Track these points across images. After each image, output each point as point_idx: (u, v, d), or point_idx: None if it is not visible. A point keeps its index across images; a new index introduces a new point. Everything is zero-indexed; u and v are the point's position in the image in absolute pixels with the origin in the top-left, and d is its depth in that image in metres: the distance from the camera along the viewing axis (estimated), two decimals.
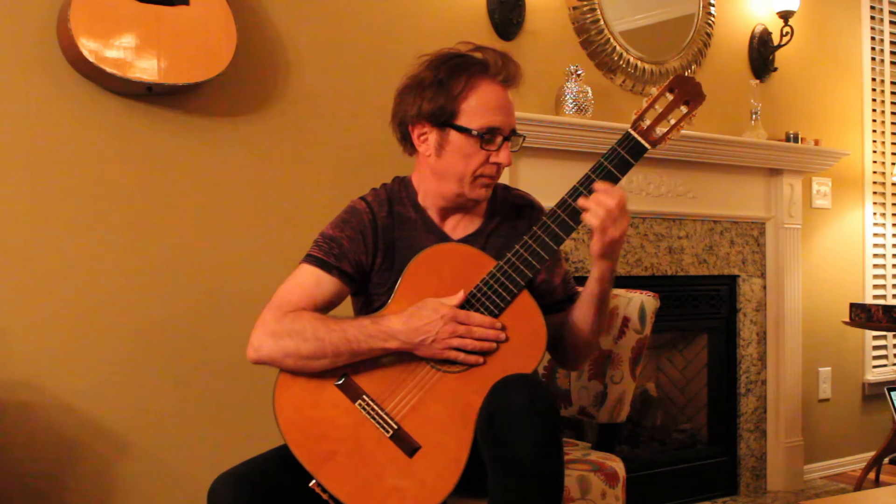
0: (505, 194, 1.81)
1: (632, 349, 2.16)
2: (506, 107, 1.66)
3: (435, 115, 1.64)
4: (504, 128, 1.65)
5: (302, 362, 1.58)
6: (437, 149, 1.66)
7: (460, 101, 1.63)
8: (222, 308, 2.41)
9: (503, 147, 1.65)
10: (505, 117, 1.65)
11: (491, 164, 1.65)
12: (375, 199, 1.74)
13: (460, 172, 1.65)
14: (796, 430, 3.65)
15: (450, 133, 1.64)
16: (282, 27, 2.54)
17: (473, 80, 1.63)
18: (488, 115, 1.63)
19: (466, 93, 1.63)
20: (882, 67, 4.16)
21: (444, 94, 1.63)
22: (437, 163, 1.67)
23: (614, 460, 2.03)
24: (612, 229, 1.56)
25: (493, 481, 1.48)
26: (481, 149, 1.63)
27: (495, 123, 1.63)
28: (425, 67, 1.67)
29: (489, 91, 1.64)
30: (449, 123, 1.64)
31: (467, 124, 1.63)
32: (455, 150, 1.64)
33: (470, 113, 1.63)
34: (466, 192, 1.67)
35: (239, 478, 1.55)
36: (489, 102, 1.63)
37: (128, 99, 2.30)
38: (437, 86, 1.63)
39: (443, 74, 1.63)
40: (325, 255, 1.67)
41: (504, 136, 1.65)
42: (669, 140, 1.64)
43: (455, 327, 1.54)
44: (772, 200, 3.59)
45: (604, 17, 3.15)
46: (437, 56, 1.68)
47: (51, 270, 2.21)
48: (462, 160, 1.64)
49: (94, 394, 2.26)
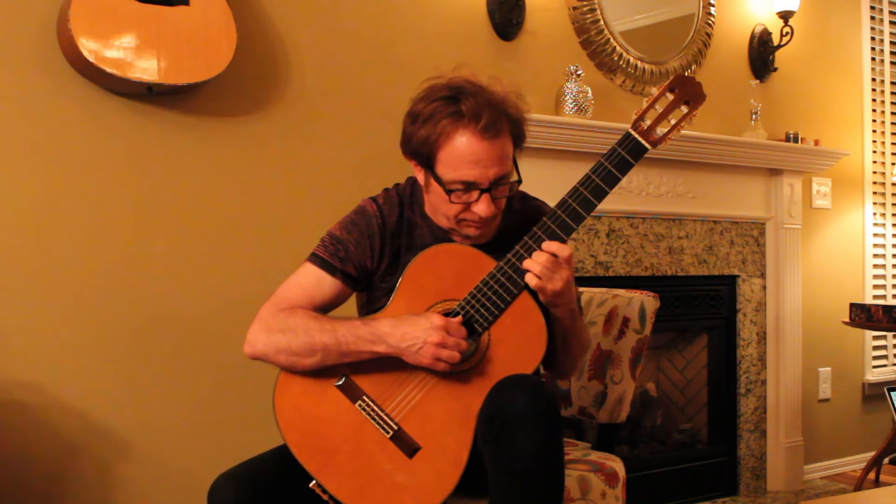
0: (521, 205, 1.77)
1: (632, 349, 2.16)
2: (482, 160, 1.55)
3: (418, 155, 1.61)
4: (480, 181, 1.56)
5: (293, 359, 1.58)
6: (425, 185, 1.66)
7: (436, 149, 1.57)
8: (222, 308, 2.41)
9: (482, 199, 1.57)
10: (482, 170, 1.55)
11: (472, 211, 1.59)
12: (387, 201, 1.72)
13: (444, 213, 1.64)
14: (796, 430, 3.65)
15: (430, 177, 1.61)
16: (282, 27, 2.54)
17: (450, 128, 1.55)
18: (460, 170, 1.55)
19: (439, 142, 1.56)
20: (882, 67, 4.16)
21: (424, 138, 1.57)
22: (428, 198, 1.67)
23: (614, 460, 2.03)
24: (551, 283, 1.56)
25: (493, 482, 1.48)
26: (451, 202, 1.58)
27: (468, 178, 1.56)
28: (419, 98, 1.62)
29: (463, 143, 1.55)
30: (429, 167, 1.61)
31: (440, 174, 1.58)
32: (436, 193, 1.62)
33: (443, 163, 1.57)
34: (457, 230, 1.65)
35: (239, 478, 1.55)
36: (462, 156, 1.55)
37: (128, 99, 2.30)
38: (420, 125, 1.58)
39: (427, 113, 1.57)
40: (330, 256, 1.67)
41: (482, 188, 1.57)
42: (670, 140, 1.64)
43: (444, 338, 1.51)
44: (772, 200, 3.59)
45: (604, 17, 3.15)
46: (429, 89, 1.61)
47: (50, 270, 2.21)
48: (443, 204, 1.61)
49: (93, 394, 2.26)
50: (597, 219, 3.06)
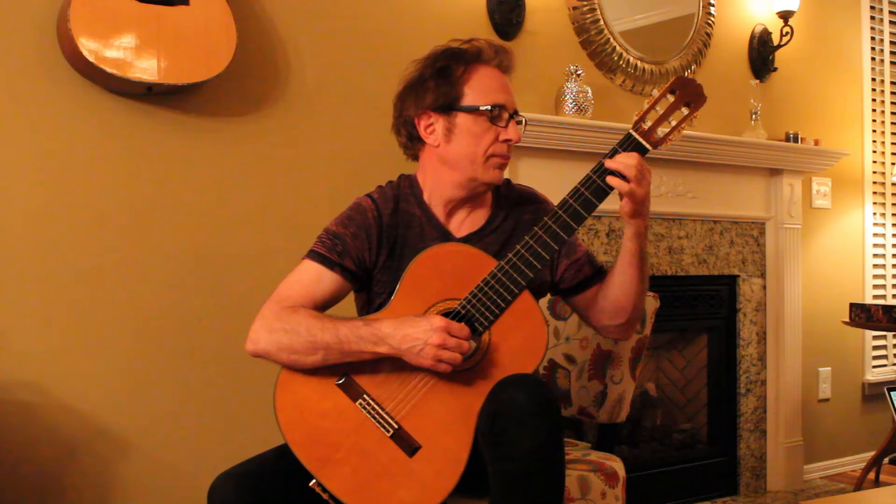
0: (508, 190, 1.81)
1: (632, 349, 2.16)
2: (507, 87, 1.70)
3: (439, 101, 1.67)
4: (508, 105, 1.68)
5: (294, 357, 1.58)
6: (445, 135, 1.68)
7: (463, 84, 1.67)
8: (222, 307, 2.41)
9: (511, 123, 1.67)
10: (508, 96, 1.69)
11: (501, 142, 1.67)
12: (381, 196, 1.74)
13: (472, 154, 1.67)
14: (796, 430, 3.65)
15: (457, 116, 1.66)
16: (282, 27, 2.54)
17: (472, 65, 1.68)
18: (492, 94, 1.67)
19: (468, 76, 1.67)
20: (882, 67, 4.16)
21: (446, 81, 1.66)
22: (448, 150, 1.68)
23: (614, 460, 2.03)
24: (639, 187, 1.58)
25: (493, 481, 1.48)
26: (491, 125, 1.66)
27: (500, 100, 1.67)
28: (421, 65, 1.71)
29: (488, 73, 1.69)
30: (454, 107, 1.66)
31: (473, 103, 1.66)
32: (464, 132, 1.66)
33: (474, 93, 1.66)
34: (479, 175, 1.68)
35: (239, 477, 1.55)
36: (491, 83, 1.68)
37: (128, 99, 2.30)
38: (437, 75, 1.67)
39: (441, 63, 1.68)
40: (328, 251, 1.67)
41: (510, 113, 1.68)
42: (670, 141, 1.64)
43: (445, 340, 1.51)
44: (772, 200, 3.59)
45: (604, 17, 3.15)
46: (431, 53, 1.72)
47: (50, 270, 2.21)
48: (472, 141, 1.66)
49: (94, 394, 2.26)
50: (597, 219, 3.06)
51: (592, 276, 1.80)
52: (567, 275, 1.79)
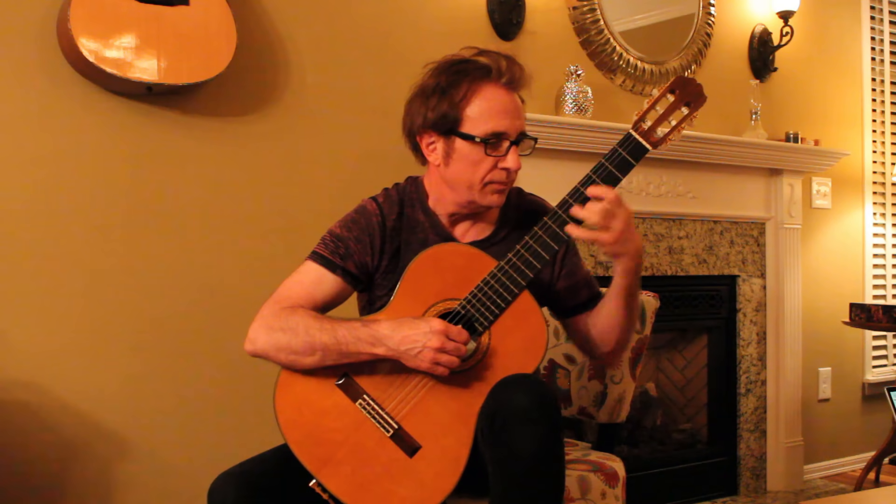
0: (519, 200, 1.79)
1: (632, 349, 2.16)
2: (511, 110, 1.63)
3: (439, 124, 1.63)
4: (510, 132, 1.62)
5: (293, 357, 1.58)
6: (444, 157, 1.65)
7: (462, 107, 1.61)
8: (221, 308, 2.41)
9: (511, 152, 1.62)
10: (511, 121, 1.62)
11: (500, 169, 1.63)
12: (387, 200, 1.73)
13: (468, 180, 1.64)
14: (796, 430, 3.65)
15: (455, 141, 1.63)
16: (282, 27, 2.54)
17: (475, 85, 1.61)
18: (492, 121, 1.61)
19: (468, 99, 1.61)
20: (882, 67, 4.16)
21: (447, 102, 1.61)
22: (447, 172, 1.66)
23: (614, 460, 2.03)
24: (615, 223, 1.55)
25: (493, 481, 1.48)
26: (487, 155, 1.61)
27: (500, 128, 1.61)
28: (429, 75, 1.66)
29: (492, 95, 1.62)
30: (453, 131, 1.62)
31: (471, 131, 1.61)
32: (461, 158, 1.63)
33: (473, 119, 1.61)
34: (478, 199, 1.66)
35: (239, 477, 1.55)
36: (492, 107, 1.61)
37: (128, 99, 2.30)
38: (439, 93, 1.62)
39: (444, 81, 1.62)
40: (331, 253, 1.67)
41: (511, 140, 1.62)
42: (670, 141, 1.64)
43: (443, 342, 1.51)
44: (772, 200, 3.59)
45: (604, 17, 3.15)
46: (441, 63, 1.67)
47: (50, 270, 2.21)
48: (469, 168, 1.63)
49: (94, 394, 2.26)
50: None
51: (586, 302, 1.79)
52: (563, 296, 1.78)
